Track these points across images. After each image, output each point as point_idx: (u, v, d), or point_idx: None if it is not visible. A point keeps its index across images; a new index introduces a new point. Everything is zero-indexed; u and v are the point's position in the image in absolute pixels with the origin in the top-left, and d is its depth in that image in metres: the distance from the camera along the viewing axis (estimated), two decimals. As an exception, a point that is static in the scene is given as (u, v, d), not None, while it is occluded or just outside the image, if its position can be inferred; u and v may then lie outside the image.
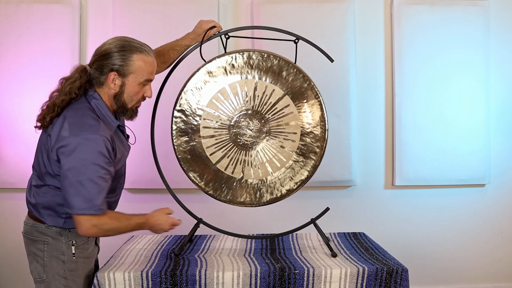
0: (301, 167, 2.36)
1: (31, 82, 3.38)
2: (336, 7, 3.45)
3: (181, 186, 3.04)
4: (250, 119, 2.34)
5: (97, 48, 1.99)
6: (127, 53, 1.93)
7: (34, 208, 2.01)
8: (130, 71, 1.94)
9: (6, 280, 3.51)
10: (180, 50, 2.34)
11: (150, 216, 2.05)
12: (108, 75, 1.94)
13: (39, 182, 1.99)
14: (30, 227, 2.02)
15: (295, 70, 2.31)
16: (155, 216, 2.05)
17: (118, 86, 1.96)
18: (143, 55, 1.96)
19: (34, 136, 3.40)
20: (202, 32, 2.31)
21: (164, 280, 2.07)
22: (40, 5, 3.37)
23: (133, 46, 1.95)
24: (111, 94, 1.97)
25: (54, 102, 1.92)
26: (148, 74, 1.99)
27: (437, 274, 3.63)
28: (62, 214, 1.98)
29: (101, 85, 1.97)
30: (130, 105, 2.01)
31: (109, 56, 1.93)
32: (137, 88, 1.98)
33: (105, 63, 1.93)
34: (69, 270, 2.01)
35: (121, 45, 1.95)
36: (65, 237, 2.00)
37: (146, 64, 1.97)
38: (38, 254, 2.00)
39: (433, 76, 3.50)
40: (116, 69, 1.93)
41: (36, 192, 2.00)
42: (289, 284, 2.09)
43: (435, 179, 3.54)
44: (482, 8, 3.51)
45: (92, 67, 1.97)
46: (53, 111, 1.92)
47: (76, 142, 1.82)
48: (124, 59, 1.93)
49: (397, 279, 2.12)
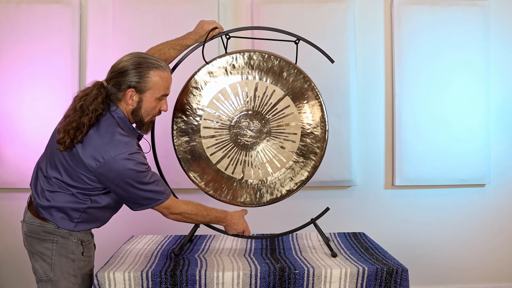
0: (301, 168, 2.36)
1: (31, 82, 3.38)
2: (336, 7, 3.45)
3: (181, 186, 3.04)
4: (251, 119, 2.34)
5: (114, 64, 2.02)
6: (144, 69, 1.97)
7: (45, 211, 2.00)
8: (148, 87, 1.99)
9: (6, 280, 3.51)
10: (181, 49, 2.35)
11: (231, 215, 2.26)
12: (126, 92, 1.98)
13: (53, 188, 1.99)
14: (37, 226, 2.02)
15: (295, 71, 2.31)
16: (234, 216, 2.27)
17: (135, 102, 2.00)
18: (160, 71, 2.00)
19: (34, 136, 3.42)
20: (203, 33, 2.31)
21: (164, 280, 2.07)
22: (40, 5, 3.37)
23: (149, 63, 1.99)
24: (129, 110, 2.02)
25: (81, 122, 1.92)
26: (165, 89, 2.04)
27: (437, 274, 3.63)
28: (74, 218, 2.01)
29: (119, 101, 2.01)
30: (146, 119, 2.06)
31: (127, 73, 1.97)
32: (154, 103, 2.03)
33: (122, 80, 1.97)
34: (78, 268, 2.05)
35: (138, 62, 1.98)
36: (74, 236, 2.03)
37: (162, 80, 2.01)
38: (45, 253, 2.01)
39: (433, 76, 3.50)
40: (134, 86, 1.97)
41: (50, 196, 1.99)
42: (289, 284, 2.09)
43: (435, 179, 3.54)
44: (482, 8, 3.51)
45: (109, 83, 1.99)
46: (82, 131, 1.92)
47: (119, 161, 1.90)
48: (141, 76, 1.97)
49: (397, 279, 2.12)
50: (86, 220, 2.04)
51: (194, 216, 2.15)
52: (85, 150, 1.91)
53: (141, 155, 1.99)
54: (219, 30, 2.32)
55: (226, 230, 2.30)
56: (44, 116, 3.34)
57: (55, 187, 1.99)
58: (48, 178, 2.01)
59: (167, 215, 2.10)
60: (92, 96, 1.94)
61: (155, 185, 2.00)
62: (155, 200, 2.02)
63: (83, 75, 3.45)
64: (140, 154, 1.98)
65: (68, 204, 1.99)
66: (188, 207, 2.12)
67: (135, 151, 1.95)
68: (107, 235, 2.74)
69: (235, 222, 2.26)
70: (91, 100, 1.94)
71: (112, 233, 2.94)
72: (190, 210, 2.13)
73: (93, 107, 1.93)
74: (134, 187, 1.95)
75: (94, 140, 1.92)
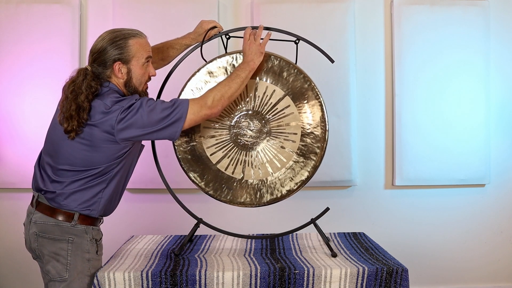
0: (301, 168, 2.36)
1: (31, 82, 3.38)
2: (336, 7, 3.45)
3: (181, 186, 3.04)
4: (251, 119, 2.34)
5: (91, 48, 2.08)
6: (122, 41, 2.03)
7: (64, 201, 1.99)
8: (131, 55, 2.04)
9: (6, 280, 3.51)
10: (180, 48, 2.38)
11: (245, 56, 2.19)
12: (112, 67, 2.03)
13: (67, 179, 1.99)
14: (52, 226, 2.00)
15: (295, 71, 2.31)
16: (247, 54, 2.18)
17: (125, 73, 2.05)
18: (137, 38, 2.07)
19: (34, 136, 3.41)
20: (203, 32, 2.32)
21: (164, 280, 2.07)
22: (40, 5, 3.38)
23: (125, 33, 2.06)
24: (121, 83, 2.07)
25: (79, 101, 1.94)
26: (147, 52, 2.09)
27: (437, 274, 3.63)
28: (94, 203, 2.02)
29: (109, 78, 2.05)
30: (140, 88, 2.11)
31: (107, 50, 2.03)
32: (142, 70, 2.09)
33: (106, 58, 2.03)
34: (93, 268, 2.06)
35: (114, 36, 2.04)
36: (89, 234, 2.04)
37: (142, 46, 2.07)
38: (60, 254, 2.00)
39: (433, 76, 3.51)
40: (119, 58, 2.02)
41: (64, 186, 1.99)
42: (289, 284, 2.09)
43: (435, 179, 3.55)
44: (482, 8, 3.51)
45: (93, 66, 2.04)
46: (85, 108, 1.94)
47: (134, 96, 2.01)
48: (121, 47, 2.03)
49: (397, 279, 2.12)
50: (103, 204, 2.05)
51: (228, 90, 2.10)
52: (99, 116, 1.94)
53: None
54: (218, 30, 2.33)
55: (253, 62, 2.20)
56: (44, 116, 3.32)
57: (69, 179, 1.99)
58: (58, 170, 2.00)
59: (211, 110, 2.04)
60: (81, 79, 1.99)
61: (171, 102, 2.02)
62: (182, 102, 2.00)
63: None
64: None
65: (85, 190, 1.99)
66: (214, 91, 2.08)
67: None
68: (107, 235, 2.73)
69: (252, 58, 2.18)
70: (81, 82, 1.98)
71: (112, 233, 2.94)
72: (218, 90, 2.09)
73: (86, 85, 1.96)
74: (155, 107, 1.97)
75: (101, 106, 1.95)
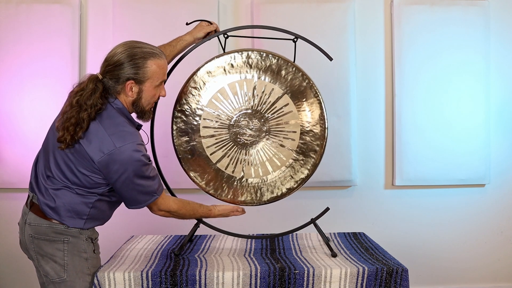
0: (301, 166, 2.36)
1: (31, 82, 3.38)
2: (336, 7, 3.45)
3: (182, 186, 3.04)
4: (250, 118, 2.34)
5: (107, 57, 1.98)
6: (141, 60, 1.95)
7: (53, 211, 1.97)
8: (147, 77, 1.97)
9: (6, 280, 3.51)
10: (175, 46, 2.36)
11: (215, 212, 2.26)
12: (125, 84, 1.96)
13: (57, 186, 1.97)
14: (46, 228, 1.98)
15: (294, 69, 2.31)
16: (221, 214, 2.28)
17: (135, 93, 1.99)
18: (156, 59, 1.98)
19: (34, 136, 3.41)
20: (201, 33, 2.35)
21: (164, 280, 2.07)
22: (40, 5, 3.37)
23: (145, 52, 1.96)
24: (128, 101, 2.01)
25: (80, 117, 1.89)
26: (163, 76, 2.03)
27: (437, 274, 3.63)
28: (83, 215, 1.99)
29: (118, 93, 1.99)
30: (147, 108, 2.06)
31: (123, 66, 1.94)
32: (153, 92, 2.03)
33: (120, 73, 1.94)
34: (92, 266, 2.06)
35: (133, 53, 1.94)
36: (84, 234, 2.02)
37: (160, 68, 2.00)
38: (57, 254, 1.99)
39: (433, 76, 3.50)
40: (133, 78, 1.95)
41: (56, 194, 1.96)
42: (289, 284, 2.09)
43: (435, 179, 3.54)
44: (482, 8, 3.51)
45: (105, 76, 1.97)
46: (82, 127, 1.90)
47: (125, 151, 1.89)
48: (139, 67, 1.94)
49: (397, 279, 2.11)
50: (95, 216, 2.02)
51: (181, 215, 2.16)
52: (91, 144, 1.89)
53: (144, 147, 1.98)
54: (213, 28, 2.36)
55: None
56: (44, 116, 3.32)
57: (59, 185, 1.96)
58: (50, 177, 1.98)
59: (155, 211, 2.10)
60: (89, 91, 1.91)
61: (153, 180, 2.00)
62: (151, 196, 2.01)
63: (83, 75, 3.45)
64: (144, 146, 1.98)
65: (75, 200, 1.96)
66: (176, 206, 2.12)
67: (140, 142, 1.95)
68: (107, 235, 2.73)
69: (221, 215, 2.27)
70: (88, 95, 1.91)
71: (112, 233, 2.94)
72: (177, 208, 2.12)
73: (92, 102, 1.90)
74: (135, 180, 1.93)
75: (98, 133, 1.90)
